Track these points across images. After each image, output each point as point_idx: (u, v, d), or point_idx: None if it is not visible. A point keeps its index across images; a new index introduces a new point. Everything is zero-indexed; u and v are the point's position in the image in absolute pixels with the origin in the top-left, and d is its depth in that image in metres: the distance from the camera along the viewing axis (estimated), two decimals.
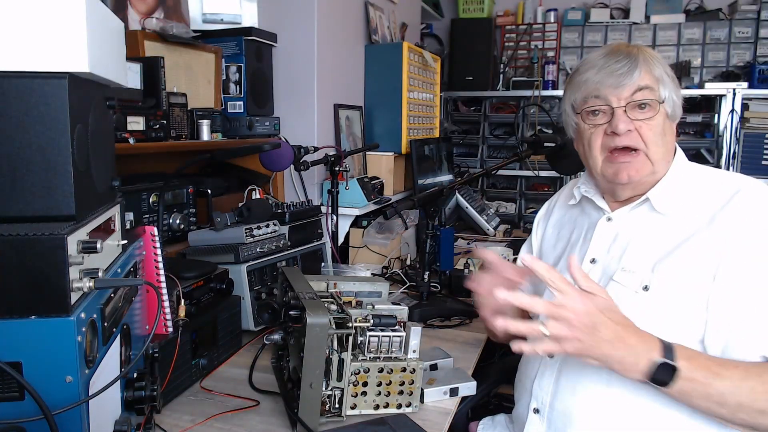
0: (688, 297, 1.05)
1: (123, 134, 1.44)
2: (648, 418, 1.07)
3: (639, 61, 1.12)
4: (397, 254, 2.34)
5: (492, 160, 3.95)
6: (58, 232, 0.69)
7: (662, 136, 1.13)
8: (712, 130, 3.57)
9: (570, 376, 1.15)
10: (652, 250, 1.12)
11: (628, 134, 1.12)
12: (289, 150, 1.83)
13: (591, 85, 1.15)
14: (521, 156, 1.98)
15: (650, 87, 1.12)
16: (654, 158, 1.13)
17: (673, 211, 1.14)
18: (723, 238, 1.05)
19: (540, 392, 1.20)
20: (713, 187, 1.13)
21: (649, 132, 1.12)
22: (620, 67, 1.12)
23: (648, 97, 1.12)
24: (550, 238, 1.38)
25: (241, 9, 2.10)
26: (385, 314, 1.19)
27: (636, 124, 1.12)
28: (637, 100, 1.12)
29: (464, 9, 3.98)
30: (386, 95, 2.70)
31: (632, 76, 1.11)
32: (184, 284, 1.24)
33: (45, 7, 0.73)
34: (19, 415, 0.68)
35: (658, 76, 1.13)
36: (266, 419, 1.17)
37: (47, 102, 0.73)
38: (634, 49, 1.15)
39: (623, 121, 1.11)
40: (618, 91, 1.12)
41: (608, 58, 1.14)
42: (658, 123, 1.12)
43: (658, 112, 1.12)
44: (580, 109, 1.19)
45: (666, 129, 1.14)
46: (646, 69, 1.12)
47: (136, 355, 0.95)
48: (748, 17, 3.71)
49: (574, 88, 1.20)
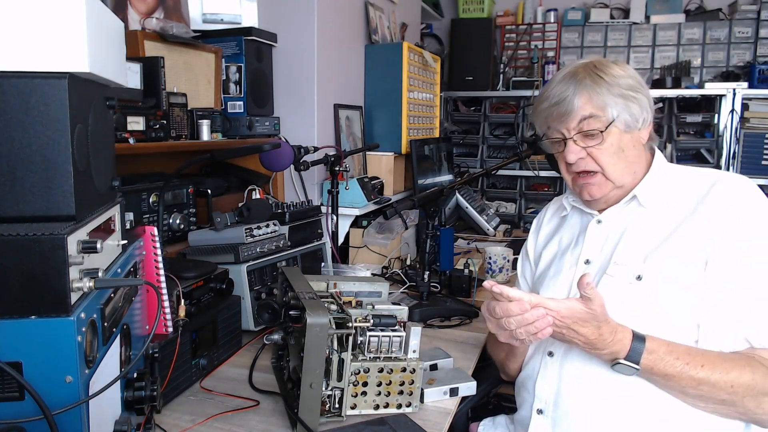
0: (681, 284, 1.09)
1: (123, 134, 1.44)
2: (652, 414, 1.09)
3: (579, 89, 1.16)
4: (397, 254, 2.34)
5: (492, 160, 3.95)
6: (58, 232, 0.69)
7: (618, 153, 1.18)
8: (712, 130, 3.57)
9: (573, 373, 1.16)
10: (642, 243, 1.16)
11: (581, 160, 1.19)
12: (289, 150, 1.83)
13: (543, 118, 1.23)
14: (521, 156, 1.98)
15: (594, 115, 1.16)
16: (612, 176, 1.19)
17: (658, 205, 1.18)
18: (708, 227, 1.10)
19: (542, 392, 1.20)
20: (693, 181, 1.19)
21: (601, 155, 1.18)
22: (564, 98, 1.17)
23: (593, 126, 1.17)
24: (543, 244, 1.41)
25: (241, 9, 2.10)
26: (385, 314, 1.19)
27: (588, 150, 1.18)
28: (585, 130, 1.17)
29: (464, 9, 3.98)
30: (386, 95, 2.70)
31: (574, 107, 1.16)
32: (184, 284, 1.24)
33: (45, 7, 0.73)
34: (19, 415, 0.68)
35: (600, 104, 1.16)
36: (266, 419, 1.17)
37: (47, 102, 0.73)
38: (582, 73, 1.18)
39: (572, 151, 1.19)
40: (565, 123, 1.19)
41: (558, 86, 1.19)
42: (609, 144, 1.17)
43: (606, 136, 1.16)
44: (544, 138, 1.26)
45: (624, 144, 1.18)
46: (585, 98, 1.16)
47: (136, 355, 0.95)
48: (748, 17, 3.71)
49: (535, 118, 1.28)
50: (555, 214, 1.43)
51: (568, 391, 1.16)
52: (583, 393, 1.14)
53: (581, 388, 1.15)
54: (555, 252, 1.34)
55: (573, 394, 1.16)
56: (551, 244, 1.36)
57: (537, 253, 1.41)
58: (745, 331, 1.06)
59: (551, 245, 1.36)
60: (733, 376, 1.02)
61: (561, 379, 1.18)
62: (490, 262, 2.15)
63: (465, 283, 1.97)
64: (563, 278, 1.26)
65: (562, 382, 1.17)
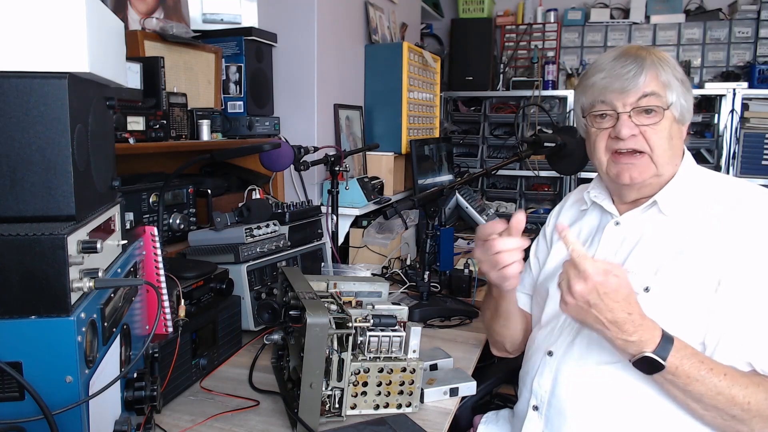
0: (689, 301, 1.06)
1: (123, 134, 1.44)
2: (645, 416, 1.08)
3: (646, 65, 1.12)
4: (397, 254, 2.34)
5: (492, 160, 3.95)
6: (58, 232, 0.69)
7: (668, 139, 1.14)
8: (712, 130, 3.56)
9: (567, 373, 1.16)
10: (656, 254, 1.12)
11: (633, 138, 1.13)
12: (289, 150, 1.83)
13: (597, 90, 1.16)
14: (521, 156, 1.98)
15: (656, 93, 1.12)
16: (659, 161, 1.14)
17: (679, 214, 1.14)
18: (726, 246, 1.06)
19: (539, 389, 1.21)
20: (718, 193, 1.14)
21: (654, 136, 1.13)
22: (626, 72, 1.12)
23: (653, 103, 1.12)
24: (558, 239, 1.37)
25: (241, 9, 2.10)
26: (385, 314, 1.19)
27: (641, 129, 1.13)
28: (643, 106, 1.12)
29: (464, 9, 3.98)
30: (386, 95, 2.70)
31: (638, 82, 1.11)
32: (184, 284, 1.24)
33: (45, 7, 0.73)
34: (19, 415, 0.68)
35: (665, 81, 1.12)
36: (266, 419, 1.17)
37: (47, 102, 0.73)
38: (644, 52, 1.14)
39: (627, 126, 1.13)
40: (623, 97, 1.13)
41: (616, 62, 1.14)
42: (664, 127, 1.13)
43: (663, 117, 1.12)
44: (587, 112, 1.20)
45: (673, 133, 1.15)
46: (652, 74, 1.12)
47: (136, 355, 0.95)
48: (748, 17, 3.71)
49: (583, 91, 1.21)
50: (575, 204, 1.38)
51: (562, 391, 1.16)
52: (575, 394, 1.14)
53: (574, 388, 1.14)
54: None
55: (566, 394, 1.15)
56: None
57: (551, 237, 1.38)
58: (751, 356, 1.02)
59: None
60: (750, 392, 0.98)
61: (556, 378, 1.18)
62: None
63: (465, 283, 1.97)
64: None
65: (557, 382, 1.17)
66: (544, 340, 1.23)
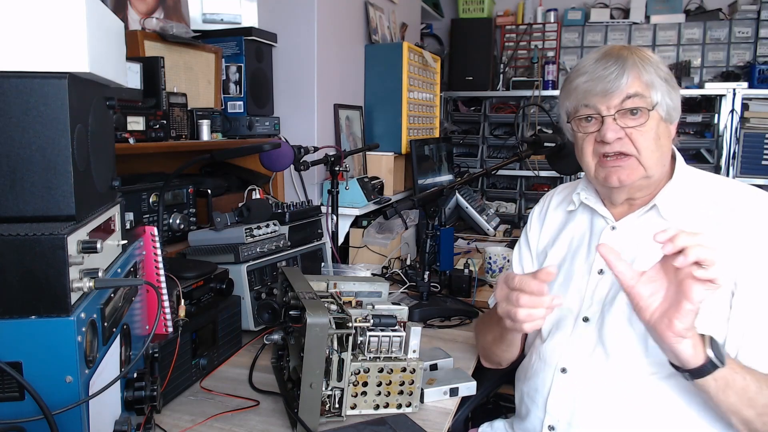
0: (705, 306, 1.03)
1: (123, 134, 1.44)
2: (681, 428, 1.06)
3: (627, 66, 1.10)
4: (397, 254, 2.34)
5: (492, 160, 3.95)
6: (58, 232, 0.69)
7: (656, 140, 1.12)
8: (712, 130, 3.56)
9: (589, 393, 1.13)
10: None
11: (619, 141, 1.11)
12: (289, 150, 1.83)
13: (580, 93, 1.14)
14: (521, 156, 1.98)
15: (640, 94, 1.10)
16: (647, 163, 1.12)
17: (677, 217, 1.13)
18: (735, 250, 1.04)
19: (555, 409, 1.17)
20: (714, 195, 1.13)
21: (640, 138, 1.11)
22: (608, 74, 1.10)
23: (638, 104, 1.10)
24: (547, 240, 1.34)
25: (241, 9, 2.10)
26: (385, 314, 1.19)
27: (627, 131, 1.11)
28: (627, 107, 1.10)
29: (464, 9, 3.98)
30: (386, 95, 2.70)
31: (620, 84, 1.09)
32: (184, 284, 1.24)
33: (45, 7, 0.73)
34: (19, 415, 0.68)
35: (648, 81, 1.10)
36: (266, 419, 1.17)
37: (47, 102, 0.73)
38: (626, 51, 1.12)
39: (612, 129, 1.11)
40: (606, 100, 1.11)
41: (598, 64, 1.12)
42: (650, 128, 1.11)
43: (649, 117, 1.11)
44: (572, 117, 1.18)
45: (660, 132, 1.13)
46: (635, 75, 1.10)
47: (136, 355, 0.95)
48: (748, 17, 3.71)
49: (566, 95, 1.19)
50: (560, 205, 1.35)
51: (583, 410, 1.13)
52: (598, 412, 1.11)
53: (596, 406, 1.11)
54: (564, 255, 1.27)
55: (588, 412, 1.12)
56: (560, 243, 1.29)
57: (541, 248, 1.34)
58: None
59: (560, 244, 1.29)
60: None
61: (575, 397, 1.14)
62: (490, 262, 2.15)
63: (465, 283, 1.97)
64: (575, 287, 1.21)
65: (576, 401, 1.14)
66: (552, 355, 1.20)
